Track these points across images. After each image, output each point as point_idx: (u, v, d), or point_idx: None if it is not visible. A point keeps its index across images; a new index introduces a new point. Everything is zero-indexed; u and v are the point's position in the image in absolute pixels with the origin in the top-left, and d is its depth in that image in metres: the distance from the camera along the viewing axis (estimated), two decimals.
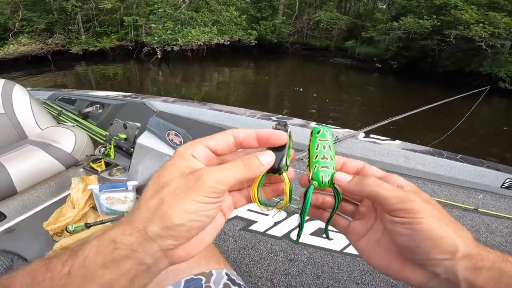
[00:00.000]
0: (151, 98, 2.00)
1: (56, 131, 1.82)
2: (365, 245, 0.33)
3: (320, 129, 0.35)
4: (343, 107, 7.00)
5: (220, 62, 11.55)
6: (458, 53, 9.57)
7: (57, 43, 10.21)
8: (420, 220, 0.26)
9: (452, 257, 0.26)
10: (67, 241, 1.31)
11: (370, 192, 0.30)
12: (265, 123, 1.65)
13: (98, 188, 1.47)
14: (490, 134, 5.55)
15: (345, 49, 12.94)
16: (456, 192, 1.23)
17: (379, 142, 1.45)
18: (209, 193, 0.25)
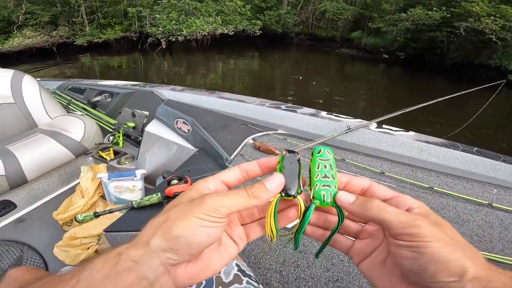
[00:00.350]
0: (159, 87, 1.99)
1: (66, 120, 1.83)
2: (369, 266, 0.32)
3: (320, 149, 0.35)
4: (348, 97, 6.94)
5: (224, 52, 11.46)
6: (467, 45, 9.36)
7: (62, 35, 10.23)
8: (426, 243, 0.26)
9: (460, 280, 0.25)
10: (77, 231, 1.32)
11: (373, 216, 0.29)
12: (275, 112, 1.62)
13: (107, 177, 1.47)
14: (499, 126, 5.45)
15: (351, 40, 12.75)
16: (470, 186, 1.18)
17: (391, 132, 1.41)
18: (209, 211, 0.27)
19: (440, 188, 1.14)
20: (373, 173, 1.24)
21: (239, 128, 1.54)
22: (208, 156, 1.39)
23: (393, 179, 1.20)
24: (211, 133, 1.43)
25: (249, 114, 1.65)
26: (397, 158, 1.35)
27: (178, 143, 1.56)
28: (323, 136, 1.42)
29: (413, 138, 1.37)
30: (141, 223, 0.86)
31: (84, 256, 1.26)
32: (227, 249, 0.32)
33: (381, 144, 1.39)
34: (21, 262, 1.30)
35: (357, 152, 1.40)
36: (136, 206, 1.04)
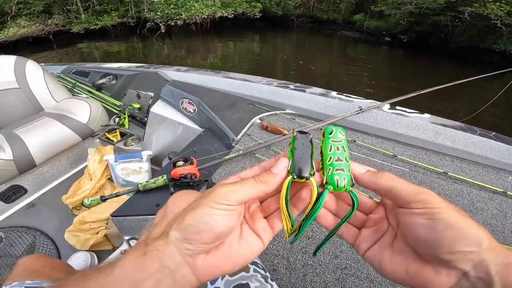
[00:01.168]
0: (164, 68, 1.96)
1: (71, 102, 1.83)
2: (377, 250, 0.31)
3: (332, 129, 0.33)
4: (351, 79, 6.86)
5: (224, 35, 11.25)
6: (472, 30, 9.14)
7: (57, 23, 10.03)
8: (439, 209, 0.25)
9: (479, 250, 0.24)
10: (86, 215, 1.33)
11: (385, 184, 0.29)
12: (282, 91, 1.58)
13: (113, 159, 1.47)
14: (502, 110, 5.41)
15: (353, 23, 12.45)
16: (485, 172, 1.14)
17: (406, 114, 1.36)
18: (219, 199, 0.27)
19: (455, 173, 1.11)
20: (385, 156, 1.20)
21: (246, 107, 1.51)
22: (214, 136, 1.38)
23: (405, 162, 1.17)
24: (217, 113, 1.41)
25: (256, 94, 1.62)
26: (410, 140, 1.30)
27: (183, 123, 1.54)
28: (333, 116, 1.38)
29: (428, 121, 1.31)
30: (148, 206, 0.90)
31: (93, 241, 1.27)
32: (249, 243, 0.31)
33: (394, 126, 1.33)
34: (34, 248, 1.31)
35: (368, 134, 1.36)
36: (142, 189, 1.04)
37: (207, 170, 1.13)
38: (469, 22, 8.75)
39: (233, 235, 0.31)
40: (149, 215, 0.95)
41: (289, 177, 0.31)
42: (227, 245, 0.30)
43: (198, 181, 1.06)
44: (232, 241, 0.30)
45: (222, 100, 1.54)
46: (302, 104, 1.52)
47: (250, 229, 0.32)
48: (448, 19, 9.14)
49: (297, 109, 1.53)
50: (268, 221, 0.33)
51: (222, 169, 1.15)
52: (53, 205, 1.52)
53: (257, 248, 0.31)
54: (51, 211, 1.51)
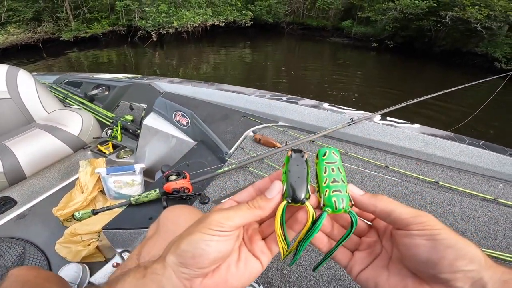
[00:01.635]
0: (157, 79, 1.95)
1: (63, 114, 1.80)
2: (372, 273, 0.31)
3: (326, 151, 0.33)
4: (341, 83, 6.92)
5: (216, 43, 11.27)
6: (454, 34, 9.41)
7: (47, 31, 9.88)
8: (438, 231, 0.26)
9: (478, 268, 0.24)
10: (77, 227, 1.31)
11: (384, 207, 0.29)
12: (275, 103, 1.58)
13: (105, 172, 1.44)
14: (485, 112, 5.55)
15: (341, 29, 12.67)
16: (475, 180, 1.15)
17: (396, 125, 1.38)
18: (213, 225, 0.27)
19: (446, 182, 1.12)
20: (377, 167, 1.21)
21: (239, 120, 1.51)
22: (208, 149, 1.37)
23: (397, 173, 1.17)
24: (210, 126, 1.41)
25: (249, 106, 1.62)
26: (401, 151, 1.31)
27: (176, 136, 1.53)
28: (326, 128, 1.38)
29: (418, 131, 1.33)
30: (140, 220, 0.86)
31: (85, 253, 1.25)
32: (247, 265, 0.31)
33: (385, 137, 1.34)
34: (23, 259, 1.29)
35: (360, 145, 1.37)
36: (134, 202, 1.03)
37: (200, 184, 1.12)
38: (451, 26, 9.02)
39: (231, 258, 0.30)
40: (141, 228, 0.94)
41: (283, 201, 0.30)
42: (224, 268, 0.30)
43: (191, 195, 1.05)
44: (230, 264, 0.30)
45: (215, 112, 1.53)
46: (294, 116, 1.52)
47: (249, 251, 0.32)
48: (431, 24, 9.40)
49: (289, 121, 1.53)
50: (266, 242, 0.33)
51: (215, 183, 1.14)
52: (44, 217, 1.49)
53: (255, 270, 0.31)
54: (42, 222, 1.48)
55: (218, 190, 1.10)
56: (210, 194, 1.08)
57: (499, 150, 1.22)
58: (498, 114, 5.17)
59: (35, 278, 0.65)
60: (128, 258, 0.58)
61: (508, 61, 8.33)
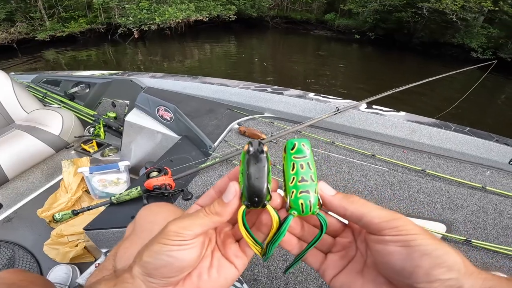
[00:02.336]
0: (138, 75, 1.89)
1: (42, 114, 1.74)
2: (346, 279, 0.29)
3: (294, 143, 0.28)
4: (325, 76, 6.98)
5: (200, 38, 11.08)
6: (432, 25, 9.58)
7: (21, 31, 9.47)
8: (414, 236, 0.24)
9: (457, 276, 0.22)
10: (63, 228, 1.28)
11: (356, 210, 0.27)
12: (260, 95, 1.55)
13: (88, 171, 1.41)
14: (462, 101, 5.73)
15: (325, 22, 12.69)
16: (463, 168, 1.13)
17: (382, 113, 1.36)
18: (171, 236, 0.26)
19: (433, 170, 1.11)
20: (364, 156, 1.20)
21: (224, 113, 1.49)
22: (192, 144, 1.35)
23: (384, 162, 1.17)
24: (194, 120, 1.38)
25: (233, 98, 1.60)
26: (388, 139, 1.30)
27: (161, 131, 1.50)
28: (311, 118, 1.36)
29: (404, 119, 1.31)
30: (123, 219, 0.84)
31: (73, 253, 1.23)
32: (221, 271, 0.29)
33: (371, 125, 1.33)
34: (13, 262, 1.27)
35: (346, 134, 1.36)
36: (116, 201, 1.00)
37: (184, 179, 1.10)
38: (428, 17, 9.19)
39: (202, 264, 0.29)
40: (123, 227, 0.92)
41: (242, 206, 0.27)
42: (196, 276, 0.28)
43: (173, 192, 1.03)
44: (201, 271, 0.29)
45: (199, 106, 1.51)
46: (280, 107, 1.51)
47: (222, 256, 0.30)
48: (409, 15, 9.53)
49: (275, 112, 1.52)
50: (240, 245, 0.31)
51: (199, 177, 1.12)
52: (30, 219, 1.46)
53: (230, 276, 0.30)
54: (29, 225, 1.45)
55: (202, 186, 1.08)
56: (194, 190, 1.06)
57: (485, 136, 1.21)
58: (478, 101, 5.36)
59: (21, 281, 0.64)
60: (106, 259, 0.56)
61: (484, 51, 8.58)
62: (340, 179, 1.09)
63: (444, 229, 0.89)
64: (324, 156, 1.21)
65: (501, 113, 5.55)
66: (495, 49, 8.48)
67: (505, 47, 8.33)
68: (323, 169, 1.14)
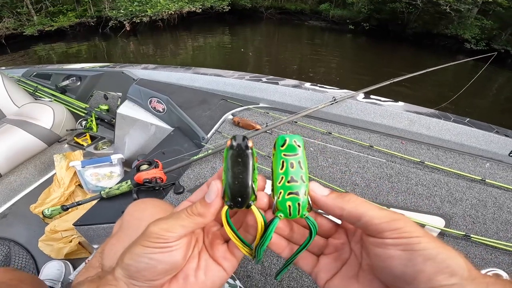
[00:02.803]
0: (130, 66, 1.85)
1: (33, 107, 1.71)
2: (340, 283, 0.27)
3: (285, 139, 0.26)
4: (319, 66, 6.95)
5: (193, 30, 10.90)
6: (425, 16, 9.54)
7: (8, 27, 9.25)
8: (417, 239, 0.22)
9: (460, 282, 0.21)
10: (56, 224, 1.27)
11: (353, 209, 0.25)
12: (255, 85, 1.52)
13: (80, 165, 1.37)
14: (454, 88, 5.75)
15: (319, 12, 12.57)
16: (462, 159, 1.10)
17: (380, 103, 1.31)
18: (152, 238, 0.25)
19: (432, 162, 1.08)
20: (361, 147, 1.18)
21: (217, 104, 1.46)
22: (185, 136, 1.32)
23: (382, 153, 1.14)
24: (187, 111, 1.35)
25: (228, 89, 1.56)
26: (386, 130, 1.27)
27: (154, 123, 1.47)
28: (307, 108, 1.32)
29: (402, 109, 1.28)
30: (113, 214, 0.82)
31: (67, 249, 1.22)
32: (208, 273, 0.28)
33: (369, 116, 1.30)
34: (10, 259, 1.26)
35: (343, 125, 1.33)
36: (106, 196, 0.97)
37: (176, 172, 1.07)
38: (422, 8, 9.14)
39: (189, 266, 0.28)
40: (114, 222, 0.90)
41: (225, 206, 0.26)
42: (181, 278, 0.27)
43: (164, 185, 1.00)
44: (188, 273, 0.27)
45: (192, 97, 1.48)
46: (275, 97, 1.47)
47: (210, 257, 0.29)
48: (403, 6, 9.47)
49: (270, 103, 1.49)
50: (229, 247, 0.29)
51: (191, 170, 1.09)
52: (25, 215, 1.44)
53: (219, 278, 0.28)
54: (23, 221, 1.43)
55: (194, 179, 1.05)
56: (186, 183, 1.03)
57: (485, 128, 1.18)
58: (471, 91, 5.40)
59: (10, 280, 0.64)
60: (93, 256, 0.55)
61: (477, 42, 8.59)
62: (337, 171, 1.07)
63: (443, 224, 0.87)
64: (321, 147, 1.19)
65: (494, 101, 5.60)
66: (489, 40, 8.51)
67: (499, 38, 8.37)
68: (320, 160, 1.12)
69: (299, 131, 1.29)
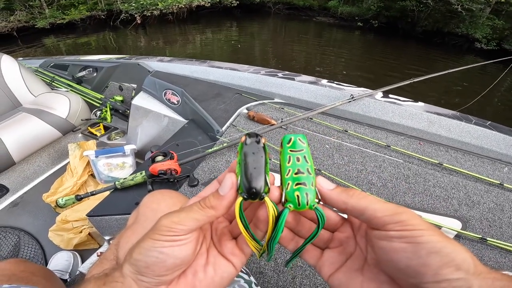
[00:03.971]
0: (146, 59, 1.83)
1: (50, 97, 1.71)
2: (344, 277, 0.27)
3: (291, 137, 0.28)
4: (328, 62, 6.86)
5: (201, 24, 10.86)
6: (436, 15, 9.36)
7: (20, 19, 9.32)
8: (421, 231, 0.22)
9: (465, 276, 0.20)
10: (68, 214, 1.26)
11: (357, 204, 0.25)
12: (270, 80, 1.48)
13: (94, 154, 1.36)
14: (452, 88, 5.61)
15: (328, 9, 12.40)
16: (480, 163, 1.06)
17: (399, 103, 1.28)
18: (163, 231, 0.24)
19: (450, 164, 1.04)
20: (378, 146, 1.14)
21: (232, 97, 1.44)
22: (199, 128, 1.30)
23: (399, 153, 1.11)
24: (202, 104, 1.33)
25: (243, 83, 1.52)
26: (404, 130, 1.22)
27: (168, 115, 1.46)
28: (324, 105, 1.28)
29: (422, 109, 1.24)
30: (126, 205, 0.79)
31: (77, 240, 1.21)
32: (217, 269, 0.27)
33: (387, 115, 1.25)
34: (19, 248, 1.26)
35: (360, 123, 1.29)
36: (120, 186, 0.96)
37: (190, 165, 1.05)
38: (433, 7, 8.99)
39: (197, 262, 0.27)
40: (127, 214, 0.88)
41: (239, 198, 0.26)
42: (190, 274, 0.27)
43: (178, 177, 0.98)
44: (197, 269, 0.27)
45: (207, 90, 1.46)
46: (291, 93, 1.43)
47: (218, 253, 0.29)
48: (414, 4, 9.31)
49: (286, 98, 1.45)
50: (237, 243, 0.29)
51: (206, 163, 1.07)
52: (36, 204, 1.44)
53: (227, 274, 0.28)
54: (35, 210, 1.42)
55: (209, 171, 1.04)
56: (200, 176, 1.02)
57: (506, 131, 1.14)
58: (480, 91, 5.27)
59: (22, 272, 0.63)
60: (108, 249, 0.54)
61: (488, 41, 8.42)
62: (353, 169, 1.04)
63: (460, 226, 0.86)
64: (336, 144, 1.17)
65: (504, 103, 5.46)
66: (500, 40, 8.33)
67: (510, 38, 8.19)
68: (335, 158, 1.10)
69: (314, 128, 1.26)
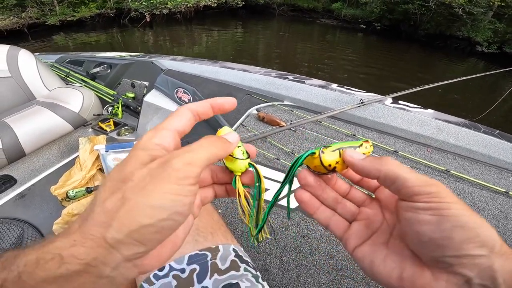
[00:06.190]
0: (159, 57, 1.83)
1: (64, 91, 1.71)
2: (369, 250, 0.26)
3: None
4: (331, 64, 6.84)
5: (207, 24, 10.87)
6: (438, 18, 9.34)
7: (31, 16, 9.41)
8: (448, 204, 0.20)
9: (489, 254, 0.19)
10: (74, 207, 1.23)
11: (389, 171, 0.23)
12: (281, 82, 1.49)
13: (104, 148, 1.34)
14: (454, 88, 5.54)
15: (332, 11, 12.37)
16: (487, 171, 1.06)
17: (408, 109, 1.27)
18: (180, 179, 0.19)
19: (457, 171, 1.04)
20: (386, 152, 1.14)
21: (242, 98, 1.43)
22: (209, 127, 1.30)
23: (406, 159, 1.10)
24: None
25: (253, 84, 1.51)
26: (412, 136, 1.21)
27: None
28: (333, 109, 1.27)
29: (431, 116, 1.23)
30: None
31: None
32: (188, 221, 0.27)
33: (396, 121, 1.24)
34: (22, 241, 1.22)
35: (369, 128, 1.27)
36: None
37: None
38: (435, 10, 8.98)
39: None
40: None
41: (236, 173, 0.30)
42: None
43: None
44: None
45: (218, 90, 1.45)
46: (301, 96, 1.41)
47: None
48: (416, 7, 9.29)
49: (295, 101, 1.43)
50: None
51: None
52: (43, 196, 1.41)
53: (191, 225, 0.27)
54: (41, 202, 1.39)
55: None
56: None
57: None
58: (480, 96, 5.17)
59: None
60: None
61: (489, 45, 8.38)
62: None
63: None
64: None
65: (506, 108, 5.40)
66: (501, 44, 8.29)
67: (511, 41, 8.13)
68: None
69: (323, 131, 1.26)
